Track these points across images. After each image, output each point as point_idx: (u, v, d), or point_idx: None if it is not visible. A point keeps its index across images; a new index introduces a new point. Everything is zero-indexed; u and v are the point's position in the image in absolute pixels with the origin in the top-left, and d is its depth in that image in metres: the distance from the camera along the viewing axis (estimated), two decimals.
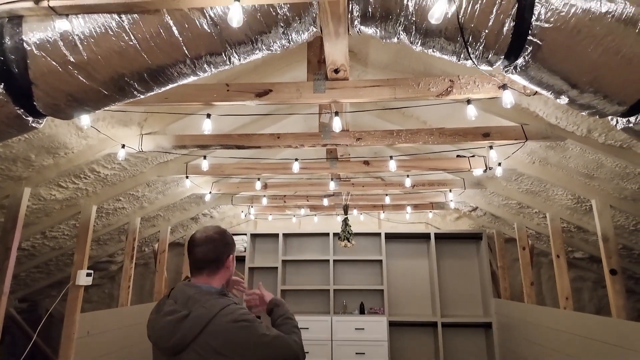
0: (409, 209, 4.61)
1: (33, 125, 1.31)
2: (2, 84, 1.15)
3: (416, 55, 2.21)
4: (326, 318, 4.71)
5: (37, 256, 3.73)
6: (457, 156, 2.91)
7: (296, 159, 2.61)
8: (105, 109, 1.51)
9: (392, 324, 4.80)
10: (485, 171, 2.83)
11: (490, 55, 1.19)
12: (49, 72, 1.16)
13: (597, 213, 2.64)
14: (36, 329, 4.41)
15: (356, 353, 4.55)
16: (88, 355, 2.92)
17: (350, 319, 4.70)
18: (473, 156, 2.87)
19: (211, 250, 1.26)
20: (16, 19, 1.13)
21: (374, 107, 2.93)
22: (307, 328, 4.67)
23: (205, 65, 1.29)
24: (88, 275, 3.04)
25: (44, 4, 1.08)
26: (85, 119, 1.82)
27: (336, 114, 1.84)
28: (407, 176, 3.07)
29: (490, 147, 2.35)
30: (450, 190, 3.63)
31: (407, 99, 1.67)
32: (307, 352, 4.59)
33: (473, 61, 1.23)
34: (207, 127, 1.83)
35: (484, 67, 1.26)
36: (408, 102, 2.76)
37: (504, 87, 1.57)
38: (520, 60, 1.17)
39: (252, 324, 1.15)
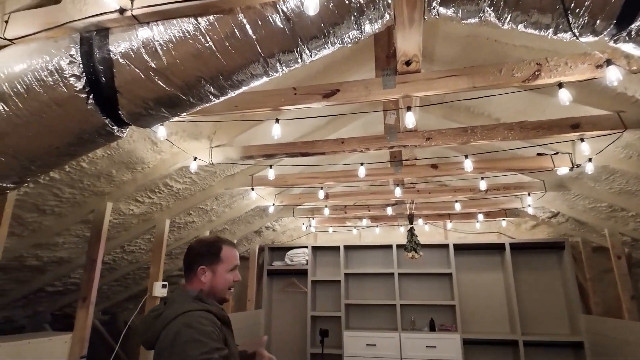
0: (480, 217, 4.30)
1: (117, 134, 1.37)
2: (92, 94, 1.21)
3: (487, 46, 2.06)
4: (394, 334, 4.48)
5: (116, 270, 3.98)
6: (538, 154, 2.65)
7: (362, 163, 2.53)
8: (180, 117, 1.55)
9: (466, 342, 4.46)
10: (572, 169, 2.54)
11: (597, 23, 1.03)
12: (133, 80, 1.20)
13: None
14: (115, 339, 4.68)
15: None
16: None
17: (420, 336, 4.43)
18: (556, 153, 2.60)
19: (185, 258, 1.37)
20: (103, 32, 1.19)
21: (440, 108, 2.79)
22: (375, 345, 4.48)
23: (277, 64, 1.27)
24: (163, 287, 3.17)
25: (128, 13, 1.12)
26: (161, 131, 1.90)
27: (408, 109, 1.74)
28: (482, 178, 2.85)
29: (582, 140, 2.10)
30: (528, 194, 3.32)
31: (487, 87, 1.54)
32: None
33: (574, 32, 1.08)
34: (277, 132, 1.82)
35: (587, 39, 1.10)
36: (477, 101, 2.58)
37: (608, 62, 1.37)
38: (636, 24, 1.00)
39: (201, 337, 1.09)
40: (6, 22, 1.24)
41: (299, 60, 1.28)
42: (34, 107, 1.20)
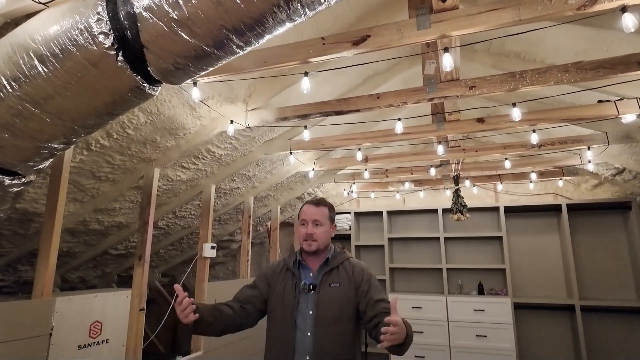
0: (533, 176, 4.03)
1: (149, 92, 1.40)
2: (120, 51, 1.24)
3: None
4: (440, 298, 4.44)
5: (171, 234, 4.24)
6: (599, 101, 2.38)
7: (399, 119, 2.43)
8: (214, 77, 1.55)
9: (517, 306, 4.31)
10: None
11: None
12: (157, 34, 1.21)
13: None
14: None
15: (477, 335, 4.20)
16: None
17: (468, 300, 4.35)
18: (621, 99, 2.32)
19: None
20: None
21: (488, 57, 2.58)
22: (420, 307, 4.47)
23: (299, 7, 1.21)
24: (212, 248, 3.33)
25: None
26: (195, 92, 1.93)
27: (445, 50, 1.61)
28: (534, 131, 2.63)
29: None
30: (588, 148, 3.03)
31: (536, 19, 1.37)
32: (422, 332, 4.42)
33: None
34: (306, 85, 1.78)
35: None
36: (528, 46, 2.35)
37: None
38: None
39: None
40: None
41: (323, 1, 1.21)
42: (70, 68, 1.26)
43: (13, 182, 1.53)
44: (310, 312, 1.53)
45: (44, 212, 2.41)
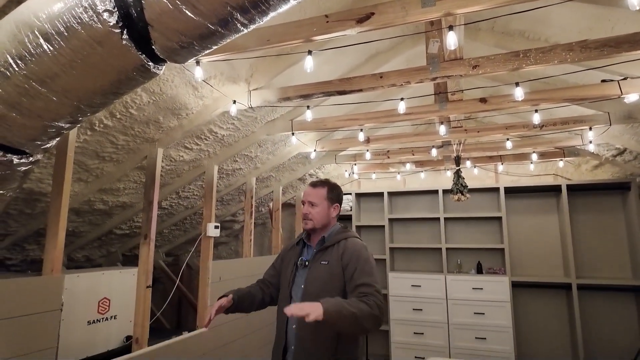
0: (534, 156, 4.04)
1: (154, 71, 1.40)
2: (125, 29, 1.24)
3: None
4: (439, 277, 4.52)
5: (174, 215, 4.29)
6: (603, 80, 2.38)
7: (402, 98, 2.43)
8: (217, 56, 1.55)
9: (515, 285, 4.40)
10: None
11: None
12: (162, 12, 1.20)
13: None
14: (179, 277, 5.16)
15: (474, 313, 4.30)
16: None
17: (467, 278, 4.43)
18: (625, 78, 2.32)
19: None
20: None
21: (491, 35, 2.56)
22: (420, 286, 4.56)
23: None
24: (216, 227, 3.38)
25: None
26: (198, 72, 1.93)
27: (450, 28, 1.60)
28: (536, 111, 2.63)
29: None
30: (590, 129, 3.03)
31: None
32: (421, 310, 4.53)
33: None
34: (309, 64, 1.78)
35: None
36: (532, 24, 2.33)
37: None
38: None
39: None
40: None
41: None
42: (75, 46, 1.26)
43: (21, 160, 1.55)
44: (302, 287, 1.67)
45: (49, 191, 2.44)
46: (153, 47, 1.30)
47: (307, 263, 1.73)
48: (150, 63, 1.37)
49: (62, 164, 2.07)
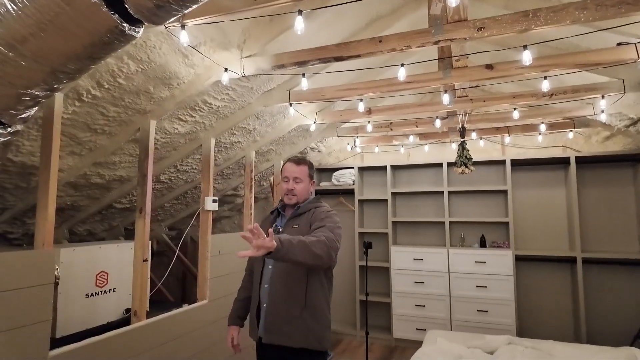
0: (542, 127, 3.90)
1: (130, 33, 1.31)
2: None
3: None
4: (442, 250, 4.49)
5: (174, 189, 4.26)
6: (618, 44, 2.22)
7: (402, 64, 2.30)
8: (204, 19, 1.44)
9: (519, 259, 4.36)
10: None
11: None
12: None
13: None
14: (182, 250, 5.20)
15: (477, 286, 4.29)
16: (221, 270, 3.29)
17: (470, 252, 4.39)
18: None
19: None
20: None
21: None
22: (422, 259, 4.54)
23: None
24: (214, 201, 3.35)
25: None
26: (184, 36, 1.82)
27: None
28: (545, 78, 2.48)
29: None
30: (602, 97, 2.88)
31: None
32: (423, 282, 4.53)
33: None
34: (300, 25, 1.66)
35: None
36: None
37: None
38: None
39: None
40: None
41: None
42: (41, 5, 1.16)
43: None
44: None
45: None
46: (125, 5, 1.21)
47: (280, 229, 1.90)
48: (124, 24, 1.27)
49: (49, 136, 2.01)
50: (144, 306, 2.56)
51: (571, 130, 4.00)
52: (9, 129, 1.52)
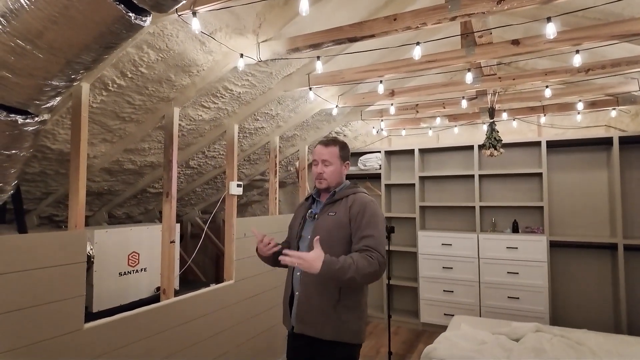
0: (579, 106, 3.65)
1: (137, 22, 1.35)
2: None
3: None
4: (472, 236, 4.37)
5: (204, 174, 4.41)
6: None
7: (417, 43, 2.22)
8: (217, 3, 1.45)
9: (553, 245, 4.16)
10: None
11: None
12: None
13: None
14: (215, 234, 5.40)
15: (507, 272, 4.15)
16: (246, 252, 3.39)
17: (501, 237, 4.24)
18: None
19: None
20: None
21: None
22: (450, 244, 4.45)
23: None
24: (238, 186, 3.43)
25: None
26: (195, 23, 1.86)
27: None
28: (577, 52, 2.31)
29: None
30: None
31: None
32: (451, 268, 4.44)
33: None
34: (304, 7, 1.64)
35: None
36: None
37: None
38: None
39: None
40: None
41: None
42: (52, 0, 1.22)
43: (26, 121, 1.60)
44: (309, 237, 1.74)
45: None
46: None
47: (315, 216, 1.80)
48: (130, 14, 1.32)
49: (78, 124, 2.13)
50: (172, 285, 2.70)
51: (614, 108, 3.71)
52: (36, 119, 1.63)
